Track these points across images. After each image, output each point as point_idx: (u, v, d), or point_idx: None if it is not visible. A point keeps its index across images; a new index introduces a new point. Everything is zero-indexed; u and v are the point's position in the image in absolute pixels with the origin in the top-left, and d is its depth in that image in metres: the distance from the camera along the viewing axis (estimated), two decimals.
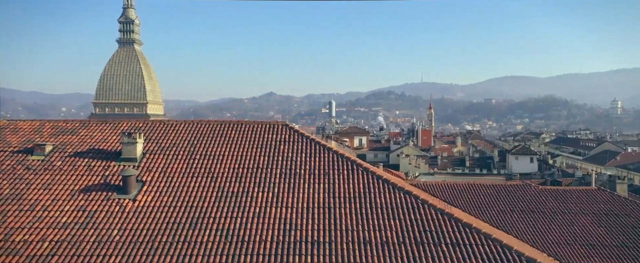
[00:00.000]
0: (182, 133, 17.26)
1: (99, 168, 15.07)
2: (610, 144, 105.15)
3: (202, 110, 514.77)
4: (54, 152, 15.78)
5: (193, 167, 15.25)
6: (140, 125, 17.73)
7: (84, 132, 17.14)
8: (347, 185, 14.48)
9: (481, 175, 59.46)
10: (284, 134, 17.21)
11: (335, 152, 16.09)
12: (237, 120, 19.08)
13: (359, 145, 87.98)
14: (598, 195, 21.58)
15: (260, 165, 15.42)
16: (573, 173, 52.43)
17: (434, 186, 22.69)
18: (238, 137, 16.99)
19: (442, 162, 71.90)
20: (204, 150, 16.22)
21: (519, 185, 23.28)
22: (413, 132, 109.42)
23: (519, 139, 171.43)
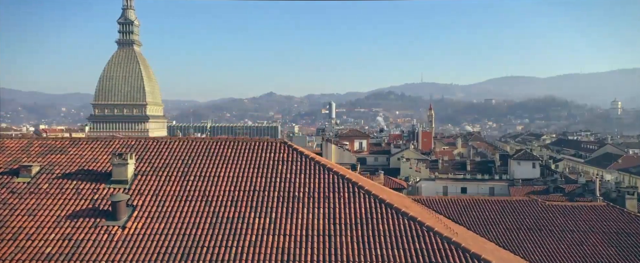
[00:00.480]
0: (176, 151, 16.53)
1: (87, 191, 14.33)
2: (611, 147, 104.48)
3: (202, 110, 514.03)
4: (41, 174, 15.05)
5: (186, 190, 14.53)
6: (133, 143, 17.00)
7: (74, 151, 16.39)
8: (348, 209, 13.77)
9: (483, 180, 58.73)
10: (282, 153, 16.48)
11: (335, 173, 15.37)
12: (233, 137, 18.37)
13: (360, 148, 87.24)
14: (607, 212, 20.88)
15: (257, 187, 14.69)
16: (576, 179, 51.59)
17: (438, 202, 21.97)
18: (234, 156, 16.27)
19: (443, 166, 71.15)
20: (199, 170, 15.49)
21: (526, 200, 22.57)
22: (413, 134, 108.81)
23: (519, 141, 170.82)
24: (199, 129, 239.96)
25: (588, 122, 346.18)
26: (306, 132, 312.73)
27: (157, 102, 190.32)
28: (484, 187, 57.35)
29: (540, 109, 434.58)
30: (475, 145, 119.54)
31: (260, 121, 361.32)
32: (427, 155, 78.83)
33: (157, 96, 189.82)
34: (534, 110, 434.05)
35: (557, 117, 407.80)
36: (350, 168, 75.08)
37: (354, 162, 76.80)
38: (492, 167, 69.49)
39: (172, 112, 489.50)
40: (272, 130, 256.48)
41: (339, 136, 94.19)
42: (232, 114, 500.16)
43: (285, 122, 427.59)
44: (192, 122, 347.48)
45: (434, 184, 58.65)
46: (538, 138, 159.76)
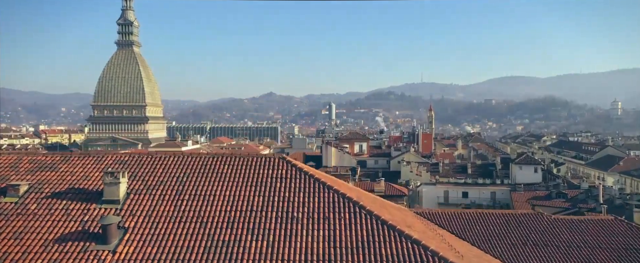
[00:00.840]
0: (171, 168, 15.94)
1: (77, 212, 13.74)
2: (613, 149, 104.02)
3: (202, 111, 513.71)
4: (30, 193, 14.46)
5: (181, 211, 13.94)
6: (126, 159, 16.41)
7: (64, 168, 15.80)
8: (349, 231, 13.19)
9: (484, 185, 58.15)
10: (280, 169, 15.89)
11: (335, 191, 14.79)
12: (230, 152, 17.80)
13: (360, 151, 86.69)
14: (615, 227, 20.30)
15: (255, 207, 14.11)
16: (579, 184, 51.10)
17: (440, 215, 21.39)
18: (231, 173, 15.68)
19: (443, 169, 70.67)
20: (194, 189, 14.90)
21: (531, 214, 21.99)
22: (414, 136, 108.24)
23: (519, 142, 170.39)
24: (198, 130, 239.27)
25: (588, 122, 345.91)
26: (306, 132, 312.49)
27: (157, 103, 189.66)
28: (485, 191, 56.79)
29: (540, 109, 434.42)
30: (475, 147, 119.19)
31: (260, 121, 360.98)
32: (428, 158, 78.25)
33: (156, 97, 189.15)
34: (534, 111, 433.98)
35: (557, 117, 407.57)
36: (350, 171, 74.96)
37: (354, 165, 76.37)
38: (493, 170, 69.03)
39: (172, 112, 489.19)
40: (272, 131, 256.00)
41: (339, 139, 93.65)
42: (232, 114, 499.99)
43: (285, 122, 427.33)
44: (192, 122, 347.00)
45: (435, 189, 58.10)
46: (538, 140, 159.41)
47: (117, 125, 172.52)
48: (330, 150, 79.75)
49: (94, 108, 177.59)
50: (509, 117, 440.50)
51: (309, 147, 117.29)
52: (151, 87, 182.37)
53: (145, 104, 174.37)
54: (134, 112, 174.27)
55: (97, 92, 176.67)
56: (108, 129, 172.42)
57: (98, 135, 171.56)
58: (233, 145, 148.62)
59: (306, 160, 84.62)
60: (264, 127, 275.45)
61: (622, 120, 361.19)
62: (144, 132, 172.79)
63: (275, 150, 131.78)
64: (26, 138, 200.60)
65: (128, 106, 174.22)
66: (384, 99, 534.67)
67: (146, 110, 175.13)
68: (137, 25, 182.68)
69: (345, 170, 74.52)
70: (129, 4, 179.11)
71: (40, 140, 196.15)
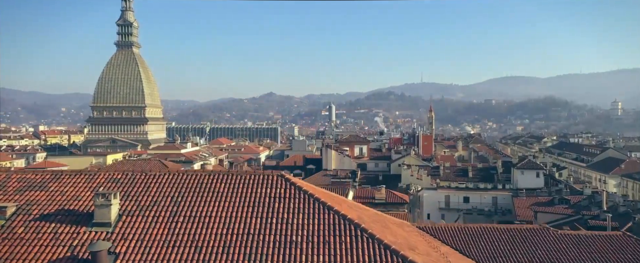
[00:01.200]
0: (166, 187, 15.36)
1: (66, 236, 13.16)
2: (614, 151, 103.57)
3: (202, 111, 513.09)
4: (17, 215, 13.89)
5: (175, 234, 13.36)
6: (119, 177, 15.82)
7: (55, 187, 15.21)
8: (350, 257, 12.62)
9: (485, 190, 57.54)
10: (279, 188, 15.30)
11: (336, 212, 14.22)
12: (227, 170, 17.19)
13: (360, 154, 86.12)
14: (624, 243, 19.72)
15: (252, 229, 13.54)
16: (582, 190, 50.45)
17: (444, 230, 20.82)
18: (227, 193, 15.10)
19: (444, 172, 70.11)
20: (188, 210, 14.33)
21: (537, 229, 21.41)
22: (414, 137, 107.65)
23: (520, 143, 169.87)
24: (198, 131, 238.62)
25: (588, 122, 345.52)
26: (306, 132, 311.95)
27: (156, 104, 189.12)
28: (486, 196, 56.19)
29: (540, 109, 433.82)
30: (476, 148, 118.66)
31: (260, 122, 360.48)
32: (428, 161, 77.68)
33: (156, 98, 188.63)
34: (534, 111, 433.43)
35: (557, 117, 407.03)
36: (350, 175, 74.40)
37: (354, 168, 75.79)
38: (494, 174, 68.52)
39: (172, 112, 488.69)
40: (272, 132, 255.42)
41: (339, 141, 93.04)
42: (232, 114, 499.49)
43: (285, 122, 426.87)
44: (192, 122, 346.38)
45: (436, 194, 57.48)
46: (539, 141, 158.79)
47: (116, 126, 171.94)
48: (330, 153, 79.16)
49: (93, 109, 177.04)
50: (509, 117, 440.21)
51: (309, 149, 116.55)
52: (151, 88, 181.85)
53: (145, 105, 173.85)
54: (134, 113, 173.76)
55: (96, 93, 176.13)
56: (107, 130, 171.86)
57: (97, 136, 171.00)
58: (233, 146, 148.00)
59: (306, 162, 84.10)
60: (263, 127, 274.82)
61: (622, 121, 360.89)
62: (144, 133, 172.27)
63: (275, 151, 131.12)
64: (25, 139, 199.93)
65: (127, 107, 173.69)
66: (384, 99, 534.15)
67: (146, 111, 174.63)
68: (137, 26, 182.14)
69: (345, 173, 74.13)
70: (128, 4, 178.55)
71: (39, 141, 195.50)
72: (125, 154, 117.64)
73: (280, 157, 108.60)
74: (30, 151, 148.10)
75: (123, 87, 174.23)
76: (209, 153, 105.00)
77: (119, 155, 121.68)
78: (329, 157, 78.67)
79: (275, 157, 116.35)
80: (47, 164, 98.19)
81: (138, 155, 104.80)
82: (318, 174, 75.32)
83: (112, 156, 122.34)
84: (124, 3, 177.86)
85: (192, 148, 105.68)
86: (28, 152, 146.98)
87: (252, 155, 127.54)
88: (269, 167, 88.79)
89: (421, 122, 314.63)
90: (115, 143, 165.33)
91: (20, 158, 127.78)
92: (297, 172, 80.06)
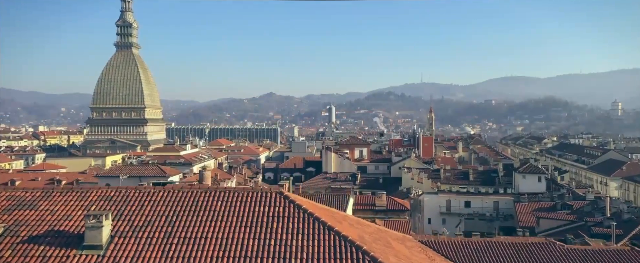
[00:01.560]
0: (160, 205, 14.82)
1: (55, 260, 12.59)
2: (615, 153, 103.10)
3: (202, 111, 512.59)
4: (4, 237, 13.35)
5: (169, 257, 12.82)
6: (112, 194, 15.29)
7: (45, 206, 14.67)
8: None
9: (487, 194, 57.03)
10: (277, 207, 14.77)
11: (336, 233, 13.70)
12: (224, 186, 16.67)
13: (360, 156, 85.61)
14: (632, 259, 19.23)
15: (249, 252, 13.00)
16: (584, 195, 49.93)
17: (447, 244, 20.33)
18: (224, 211, 14.57)
19: (444, 176, 69.69)
20: (184, 230, 13.79)
21: (542, 243, 20.90)
22: (414, 139, 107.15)
23: (520, 144, 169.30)
24: (197, 131, 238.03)
25: (588, 123, 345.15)
26: (306, 132, 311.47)
27: (156, 105, 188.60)
28: (488, 201, 55.63)
29: (541, 109, 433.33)
30: (476, 150, 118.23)
31: (260, 122, 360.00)
32: (429, 164, 77.18)
33: (155, 99, 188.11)
34: (534, 111, 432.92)
35: (557, 118, 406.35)
36: (351, 178, 73.88)
37: (354, 171, 75.29)
38: (495, 177, 68.09)
39: (172, 112, 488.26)
40: (271, 132, 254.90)
41: (339, 144, 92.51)
42: (231, 114, 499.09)
43: (285, 122, 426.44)
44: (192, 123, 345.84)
45: (436, 198, 56.96)
46: (539, 142, 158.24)
47: (116, 127, 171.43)
48: (330, 156, 78.65)
49: (92, 110, 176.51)
50: (509, 118, 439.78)
51: (309, 150, 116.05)
52: (150, 89, 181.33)
53: (144, 106, 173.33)
54: (133, 114, 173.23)
55: (95, 93, 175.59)
56: (107, 131, 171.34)
57: (97, 137, 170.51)
58: (232, 147, 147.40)
59: (306, 165, 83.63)
60: (263, 128, 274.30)
61: (622, 121, 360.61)
62: (143, 134, 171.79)
63: (275, 153, 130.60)
64: (25, 140, 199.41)
65: (127, 108, 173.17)
66: (384, 99, 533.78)
67: (145, 112, 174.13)
68: (136, 27, 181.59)
69: (345, 176, 73.63)
70: (128, 5, 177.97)
71: (38, 142, 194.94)
72: (125, 156, 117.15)
73: (279, 159, 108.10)
74: (29, 152, 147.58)
75: (122, 88, 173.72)
76: (208, 155, 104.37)
77: (119, 156, 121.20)
78: (329, 160, 78.18)
79: (274, 158, 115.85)
80: (45, 166, 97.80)
81: (137, 157, 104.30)
82: (318, 177, 74.84)
83: (111, 157, 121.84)
84: (123, 4, 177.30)
85: (192, 150, 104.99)
86: (27, 153, 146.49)
87: (252, 156, 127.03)
88: (269, 169, 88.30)
89: (421, 122, 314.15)
90: (114, 144, 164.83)
91: (19, 160, 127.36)
92: (297, 174, 79.68)
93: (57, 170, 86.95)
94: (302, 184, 71.97)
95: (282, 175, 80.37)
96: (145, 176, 42.52)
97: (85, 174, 76.24)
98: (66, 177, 73.64)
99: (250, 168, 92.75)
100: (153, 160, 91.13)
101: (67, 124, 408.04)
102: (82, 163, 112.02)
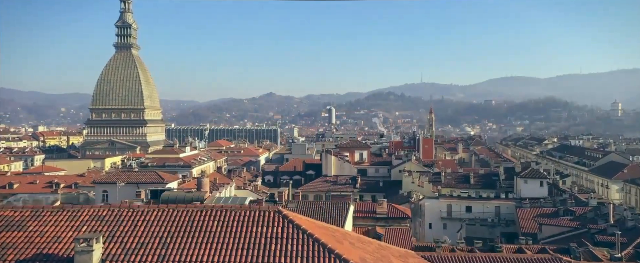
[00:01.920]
0: (154, 225, 14.28)
1: None
2: (616, 155, 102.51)
3: (202, 111, 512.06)
4: None
5: None
6: (104, 214, 14.75)
7: (34, 226, 14.12)
8: None
9: (488, 199, 56.50)
10: (276, 227, 14.23)
11: (337, 256, 13.17)
12: (220, 205, 16.12)
13: (360, 159, 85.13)
14: None
15: None
16: (587, 201, 49.40)
17: (451, 260, 19.83)
18: (220, 232, 14.03)
19: (445, 179, 69.24)
20: (178, 253, 13.24)
21: (548, 258, 20.42)
22: (415, 141, 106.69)
23: (520, 145, 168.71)
24: (197, 132, 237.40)
25: (588, 123, 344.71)
26: (306, 133, 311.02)
27: (155, 106, 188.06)
28: (489, 206, 55.10)
29: (540, 109, 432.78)
30: (476, 151, 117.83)
31: (260, 123, 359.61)
32: (430, 167, 76.67)
33: (155, 100, 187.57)
34: (534, 111, 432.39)
35: (557, 118, 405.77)
36: (351, 181, 73.35)
37: (355, 174, 74.73)
38: (496, 181, 67.69)
39: (172, 112, 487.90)
40: (271, 133, 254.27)
41: (339, 147, 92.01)
42: (231, 114, 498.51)
43: (285, 122, 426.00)
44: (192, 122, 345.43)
45: (437, 203, 56.40)
46: (539, 144, 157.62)
47: (115, 129, 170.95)
48: (330, 159, 78.10)
49: (92, 111, 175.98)
50: (509, 118, 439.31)
51: (309, 152, 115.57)
52: (150, 90, 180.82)
53: (144, 107, 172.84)
54: (132, 115, 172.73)
55: (95, 94, 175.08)
56: (106, 132, 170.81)
57: (96, 138, 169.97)
58: (232, 148, 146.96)
59: (306, 168, 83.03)
60: (263, 129, 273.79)
61: (622, 121, 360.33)
62: (143, 135, 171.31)
63: (275, 155, 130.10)
64: (24, 140, 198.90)
65: (126, 109, 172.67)
66: (383, 99, 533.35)
67: (144, 113, 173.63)
68: (136, 28, 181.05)
69: (345, 179, 73.11)
70: (127, 6, 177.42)
71: (38, 142, 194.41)
72: (124, 157, 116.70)
73: (279, 162, 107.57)
74: (28, 153, 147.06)
75: (122, 89, 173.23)
76: (207, 157, 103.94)
77: (118, 158, 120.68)
78: (329, 163, 77.64)
79: (274, 161, 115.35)
80: (44, 169, 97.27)
81: (136, 158, 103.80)
82: (318, 180, 74.28)
83: (110, 159, 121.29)
84: (122, 5, 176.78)
85: (191, 152, 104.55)
86: (26, 154, 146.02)
87: (252, 158, 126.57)
88: (268, 172, 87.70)
89: (421, 122, 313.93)
90: (113, 145, 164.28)
91: (18, 161, 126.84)
92: (297, 177, 79.14)
93: (55, 172, 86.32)
94: (302, 188, 71.51)
95: (281, 178, 79.80)
96: (142, 182, 41.95)
97: (83, 177, 75.67)
98: (64, 180, 73.16)
99: (249, 171, 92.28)
100: (152, 162, 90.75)
101: (67, 123, 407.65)
102: (81, 165, 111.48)
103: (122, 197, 37.58)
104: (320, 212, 33.68)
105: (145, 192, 37.08)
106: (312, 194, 70.05)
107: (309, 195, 69.15)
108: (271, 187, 73.62)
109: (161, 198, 36.90)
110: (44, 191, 64.92)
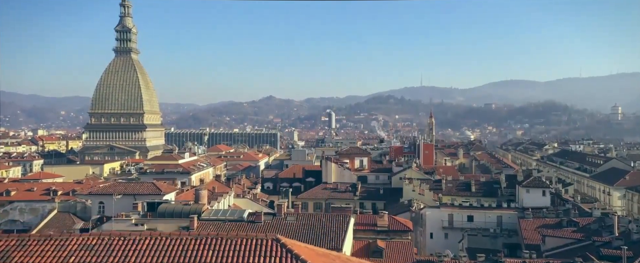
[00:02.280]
0: (146, 255, 13.60)
1: None
2: (617, 161, 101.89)
3: (202, 114, 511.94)
4: None
5: None
6: (93, 242, 14.08)
7: (18, 258, 13.42)
8: None
9: (490, 208, 55.75)
10: (274, 257, 13.55)
11: None
12: (216, 233, 15.47)
13: (360, 166, 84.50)
14: None
15: None
16: (591, 211, 48.72)
17: None
18: (215, 262, 13.39)
19: (446, 187, 68.64)
20: None
21: None
22: (415, 146, 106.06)
23: (521, 149, 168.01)
24: (196, 137, 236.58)
25: (588, 127, 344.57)
26: (306, 136, 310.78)
27: (155, 110, 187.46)
28: (491, 215, 54.33)
29: (540, 113, 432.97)
30: (477, 157, 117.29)
31: (260, 127, 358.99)
32: (430, 174, 76.00)
33: (154, 104, 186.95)
34: (534, 115, 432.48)
35: (557, 121, 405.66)
36: (351, 188, 72.65)
37: (355, 181, 73.98)
38: (497, 188, 67.08)
39: (172, 115, 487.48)
40: (271, 137, 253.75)
41: (339, 153, 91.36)
42: (231, 118, 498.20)
43: (285, 126, 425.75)
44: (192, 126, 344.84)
45: (438, 212, 55.67)
46: (540, 148, 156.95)
47: (114, 133, 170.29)
48: (330, 166, 77.45)
49: (91, 116, 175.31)
50: (509, 122, 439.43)
51: (309, 158, 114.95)
52: (149, 95, 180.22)
53: (143, 112, 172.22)
54: (132, 119, 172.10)
55: (94, 99, 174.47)
56: (105, 136, 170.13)
57: (95, 143, 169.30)
58: (232, 153, 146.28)
59: (305, 175, 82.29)
60: (263, 133, 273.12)
61: (622, 125, 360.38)
62: (142, 139, 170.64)
63: (274, 161, 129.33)
64: (23, 145, 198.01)
65: (126, 114, 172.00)
66: (383, 102, 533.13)
67: (144, 118, 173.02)
68: (135, 32, 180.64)
69: (345, 186, 72.40)
70: (127, 10, 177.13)
71: (37, 147, 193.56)
72: (123, 162, 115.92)
73: (279, 168, 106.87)
74: (27, 158, 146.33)
75: (121, 93, 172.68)
76: (206, 163, 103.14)
77: (117, 163, 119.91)
78: (329, 170, 76.98)
79: (274, 167, 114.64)
80: (42, 175, 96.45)
81: (135, 164, 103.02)
82: (318, 187, 73.58)
83: (109, 165, 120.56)
84: (122, 9, 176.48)
85: (190, 158, 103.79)
86: (25, 159, 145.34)
87: (251, 163, 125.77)
88: (268, 178, 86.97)
89: (421, 126, 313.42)
90: (113, 150, 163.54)
91: (16, 166, 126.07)
92: (297, 184, 78.45)
93: (53, 179, 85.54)
94: (302, 195, 70.81)
95: (281, 185, 79.10)
96: (139, 194, 41.26)
97: (81, 184, 74.98)
98: (62, 187, 72.43)
99: (249, 177, 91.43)
100: (151, 169, 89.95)
101: (66, 127, 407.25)
102: (79, 170, 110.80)
103: (118, 209, 36.92)
104: (320, 226, 33.06)
105: (142, 204, 36.47)
106: (312, 202, 69.36)
107: (308, 203, 68.46)
108: (271, 194, 72.87)
109: (158, 210, 36.37)
110: (42, 198, 64.02)
